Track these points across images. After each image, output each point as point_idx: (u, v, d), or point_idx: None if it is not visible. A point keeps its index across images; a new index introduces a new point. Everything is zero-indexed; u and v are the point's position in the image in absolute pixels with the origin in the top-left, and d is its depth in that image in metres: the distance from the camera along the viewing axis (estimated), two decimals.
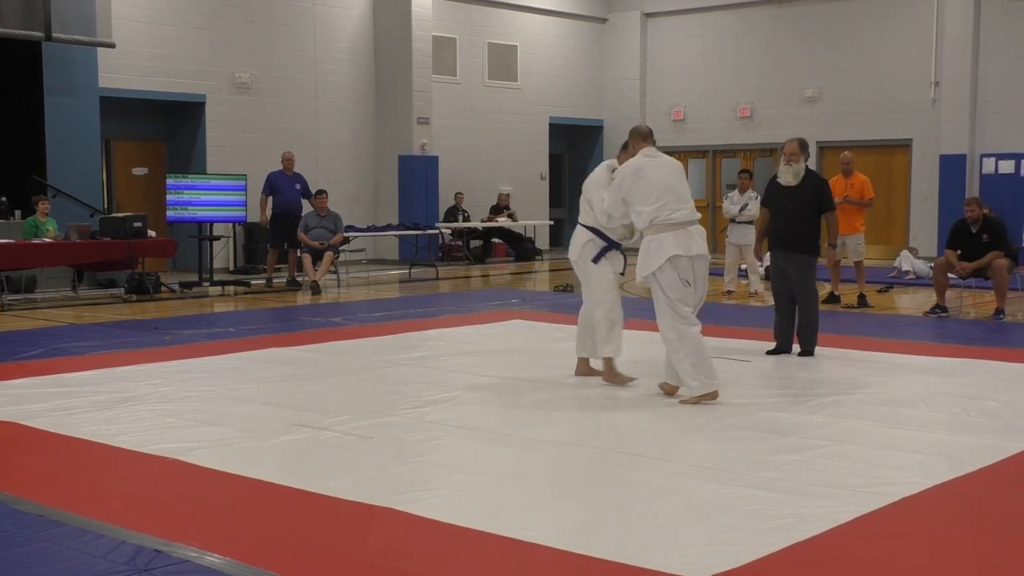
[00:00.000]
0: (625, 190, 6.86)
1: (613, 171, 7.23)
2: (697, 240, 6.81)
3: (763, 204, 9.08)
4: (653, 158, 6.93)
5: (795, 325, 8.61)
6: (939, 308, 11.31)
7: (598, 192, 7.28)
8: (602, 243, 7.30)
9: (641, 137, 7.06)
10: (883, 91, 19.61)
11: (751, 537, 4.15)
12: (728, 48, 21.54)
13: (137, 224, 13.42)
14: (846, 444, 5.66)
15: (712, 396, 6.65)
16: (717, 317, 11.51)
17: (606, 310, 7.23)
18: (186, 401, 6.85)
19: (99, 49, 15.12)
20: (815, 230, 8.66)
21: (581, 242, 7.41)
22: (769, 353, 8.62)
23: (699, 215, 6.96)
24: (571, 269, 7.94)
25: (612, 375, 7.32)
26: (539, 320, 11.06)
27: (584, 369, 7.61)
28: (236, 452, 5.52)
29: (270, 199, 14.88)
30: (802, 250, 8.53)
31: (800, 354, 8.55)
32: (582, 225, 7.42)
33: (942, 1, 18.92)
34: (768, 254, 9.13)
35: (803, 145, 8.66)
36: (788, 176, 8.58)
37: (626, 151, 7.19)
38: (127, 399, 6.87)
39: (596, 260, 7.31)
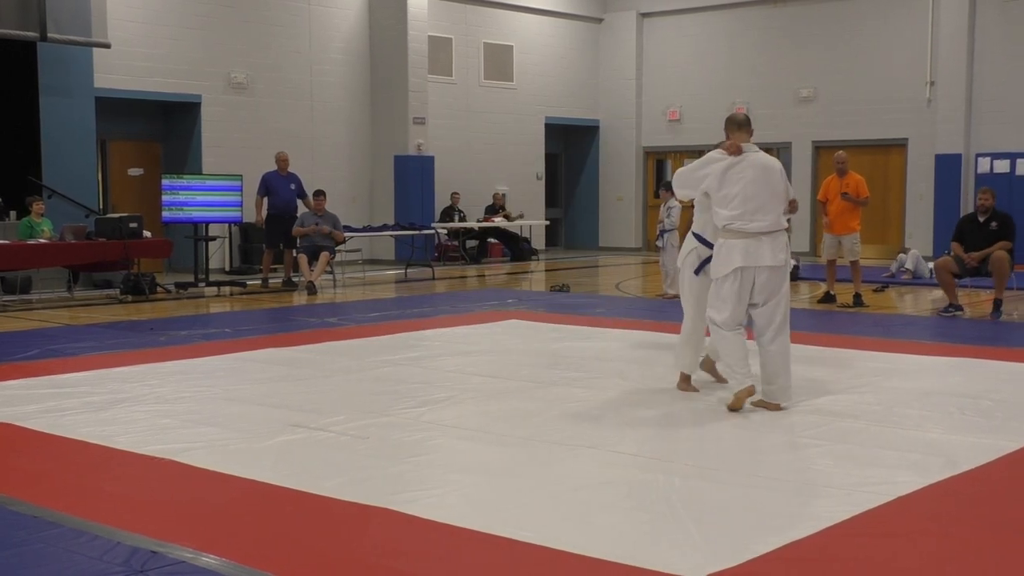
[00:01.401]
0: (708, 183, 6.56)
1: None
2: (767, 250, 6.41)
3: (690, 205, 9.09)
4: (743, 158, 6.51)
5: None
6: (953, 307, 11.31)
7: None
8: (707, 252, 6.76)
9: (736, 125, 6.63)
10: (878, 91, 19.64)
11: (746, 536, 4.15)
12: (724, 48, 21.56)
13: (133, 225, 13.41)
14: (841, 443, 5.67)
15: (748, 392, 6.48)
16: None
17: (688, 325, 7.03)
18: (182, 402, 6.84)
19: (94, 49, 15.11)
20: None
21: (686, 250, 7.01)
22: None
23: (784, 224, 6.55)
24: (567, 269, 7.93)
25: (683, 383, 7.18)
26: (535, 320, 11.06)
27: (684, 385, 7.18)
28: (232, 453, 5.52)
29: (265, 200, 14.88)
30: None
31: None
32: (692, 232, 7.01)
33: (937, 2, 18.95)
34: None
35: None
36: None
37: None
38: (122, 400, 6.87)
39: (697, 272, 6.89)
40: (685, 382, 7.15)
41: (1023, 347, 9.15)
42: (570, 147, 23.77)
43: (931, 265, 13.89)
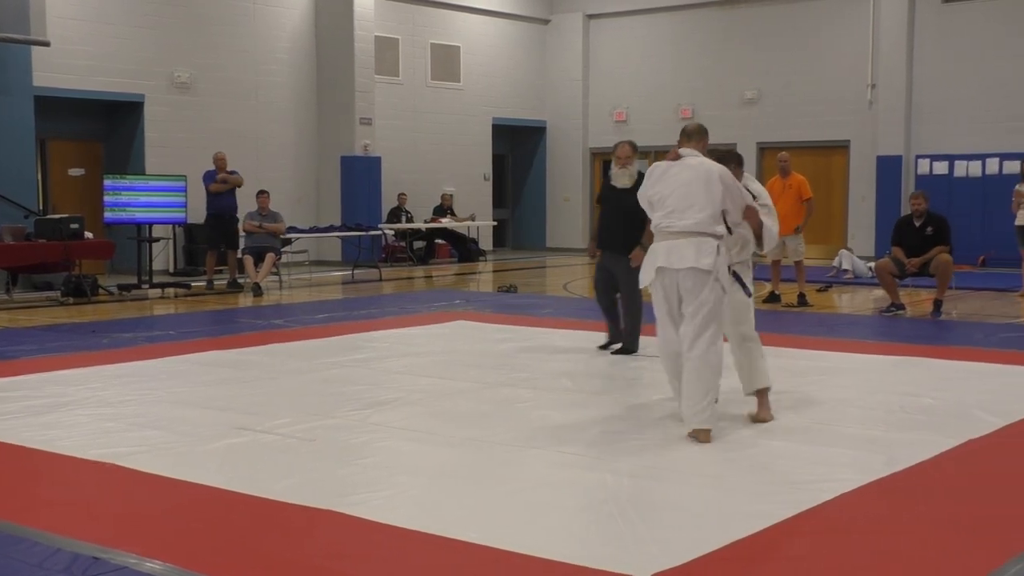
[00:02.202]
0: (645, 189, 6.23)
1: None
2: (691, 251, 5.88)
3: (597, 203, 9.18)
4: (681, 162, 6.14)
5: (620, 319, 8.90)
6: (895, 307, 11.50)
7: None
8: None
9: (684, 135, 6.31)
10: (821, 93, 19.89)
11: (691, 535, 4.19)
12: (669, 50, 21.71)
13: (74, 226, 13.21)
14: (785, 441, 5.73)
15: (702, 436, 5.80)
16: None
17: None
18: (125, 405, 6.75)
19: (33, 48, 14.86)
20: (642, 232, 8.54)
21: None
22: (601, 348, 8.91)
23: (713, 230, 5.95)
24: (515, 269, 7.91)
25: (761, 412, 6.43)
26: (483, 321, 11.06)
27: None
28: (176, 456, 5.46)
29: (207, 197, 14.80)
30: (631, 250, 8.51)
31: (622, 351, 8.76)
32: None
33: (878, 5, 19.23)
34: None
35: (635, 148, 8.81)
36: (623, 179, 8.68)
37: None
38: (64, 404, 6.77)
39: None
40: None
41: (962, 346, 9.31)
42: (517, 148, 23.80)
43: (871, 265, 14.10)
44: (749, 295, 6.32)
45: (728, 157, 6.39)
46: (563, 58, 22.89)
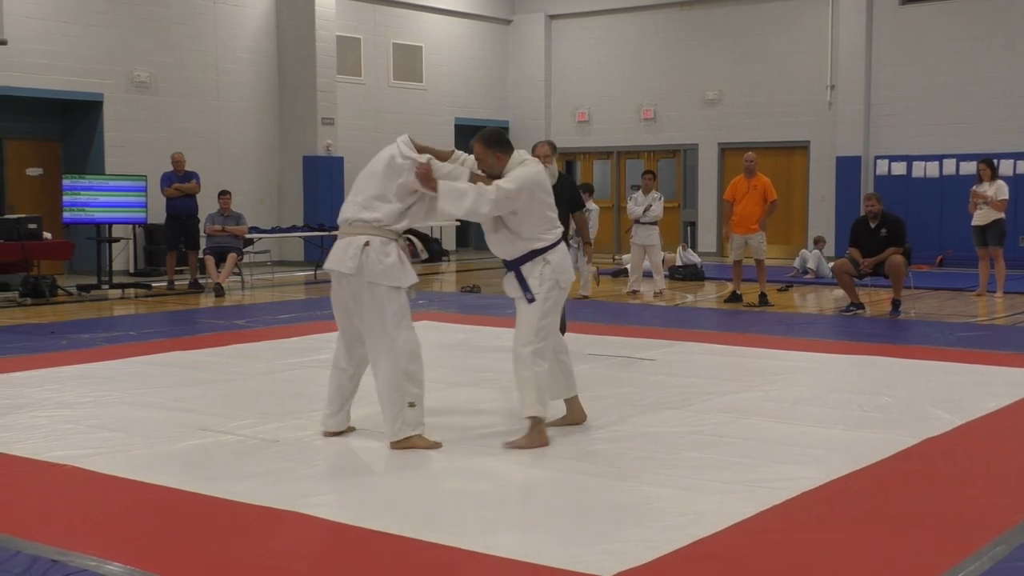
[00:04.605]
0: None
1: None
2: (339, 250, 5.58)
3: None
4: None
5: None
6: (854, 306, 11.63)
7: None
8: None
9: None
10: (782, 94, 20.05)
11: (653, 535, 4.21)
12: (631, 51, 21.79)
13: (32, 226, 13.08)
14: (745, 441, 5.77)
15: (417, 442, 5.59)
16: (623, 316, 11.66)
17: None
18: (84, 407, 6.69)
19: None
20: (566, 228, 8.87)
21: None
22: None
23: (376, 217, 5.52)
24: (478, 270, 7.88)
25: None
26: (447, 321, 11.05)
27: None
28: (136, 458, 5.42)
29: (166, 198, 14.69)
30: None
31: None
32: None
33: (836, 7, 19.41)
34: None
35: (554, 147, 8.87)
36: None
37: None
38: (22, 406, 6.69)
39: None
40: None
41: (920, 345, 9.42)
42: None
43: (831, 265, 14.23)
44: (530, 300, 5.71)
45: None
46: (525, 58, 22.92)
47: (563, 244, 5.89)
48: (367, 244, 5.52)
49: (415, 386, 5.60)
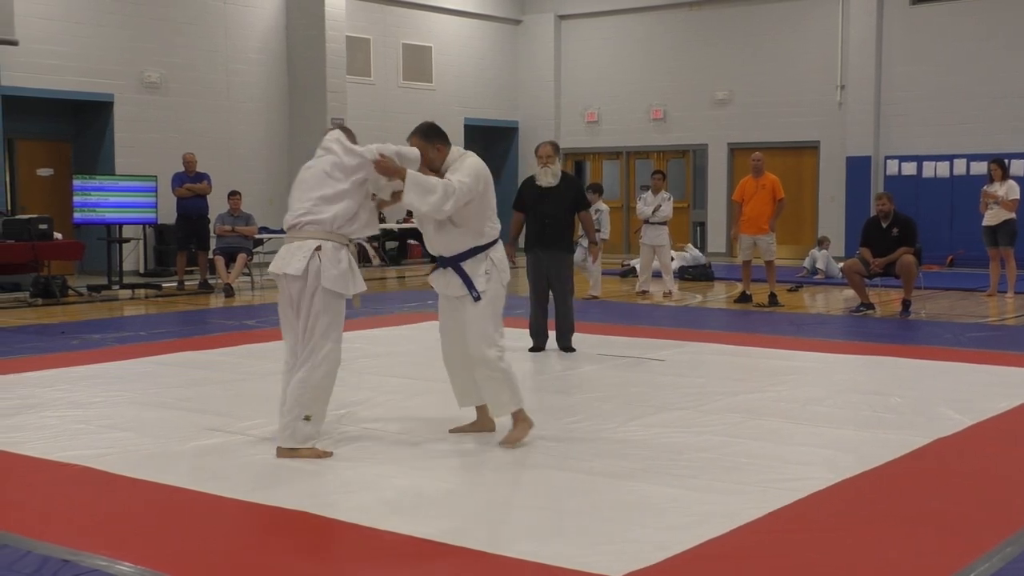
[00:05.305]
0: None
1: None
2: (286, 252, 5.62)
3: (516, 207, 9.17)
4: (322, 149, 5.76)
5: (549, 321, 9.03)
6: (864, 306, 11.62)
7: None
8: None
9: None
10: (791, 94, 20.01)
11: (662, 535, 4.20)
12: (641, 51, 21.77)
13: (42, 226, 13.11)
14: (755, 441, 5.76)
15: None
16: (632, 317, 11.65)
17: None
18: (94, 407, 6.71)
19: (1, 47, 14.72)
20: (572, 229, 9.14)
21: None
22: (531, 351, 8.91)
23: (325, 216, 5.54)
24: None
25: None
26: None
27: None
28: (147, 458, 5.43)
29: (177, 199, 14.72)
30: (562, 248, 8.90)
31: (561, 350, 8.89)
32: None
33: (847, 6, 19.37)
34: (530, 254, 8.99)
35: (556, 148, 9.03)
36: (548, 178, 8.85)
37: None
38: (32, 406, 6.71)
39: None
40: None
41: (931, 345, 9.40)
42: (489, 148, 23.74)
43: (841, 265, 14.20)
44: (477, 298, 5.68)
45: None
46: (535, 59, 22.91)
47: (501, 242, 5.86)
48: (319, 249, 5.44)
49: (319, 403, 5.49)
